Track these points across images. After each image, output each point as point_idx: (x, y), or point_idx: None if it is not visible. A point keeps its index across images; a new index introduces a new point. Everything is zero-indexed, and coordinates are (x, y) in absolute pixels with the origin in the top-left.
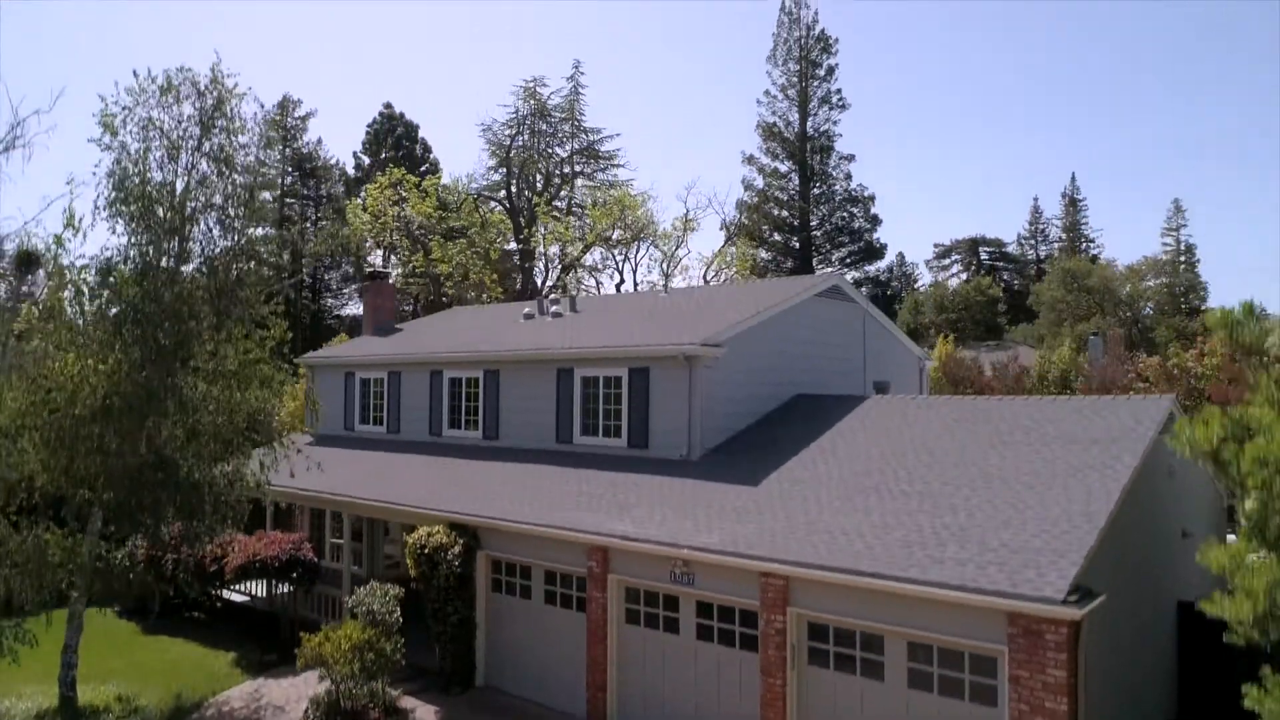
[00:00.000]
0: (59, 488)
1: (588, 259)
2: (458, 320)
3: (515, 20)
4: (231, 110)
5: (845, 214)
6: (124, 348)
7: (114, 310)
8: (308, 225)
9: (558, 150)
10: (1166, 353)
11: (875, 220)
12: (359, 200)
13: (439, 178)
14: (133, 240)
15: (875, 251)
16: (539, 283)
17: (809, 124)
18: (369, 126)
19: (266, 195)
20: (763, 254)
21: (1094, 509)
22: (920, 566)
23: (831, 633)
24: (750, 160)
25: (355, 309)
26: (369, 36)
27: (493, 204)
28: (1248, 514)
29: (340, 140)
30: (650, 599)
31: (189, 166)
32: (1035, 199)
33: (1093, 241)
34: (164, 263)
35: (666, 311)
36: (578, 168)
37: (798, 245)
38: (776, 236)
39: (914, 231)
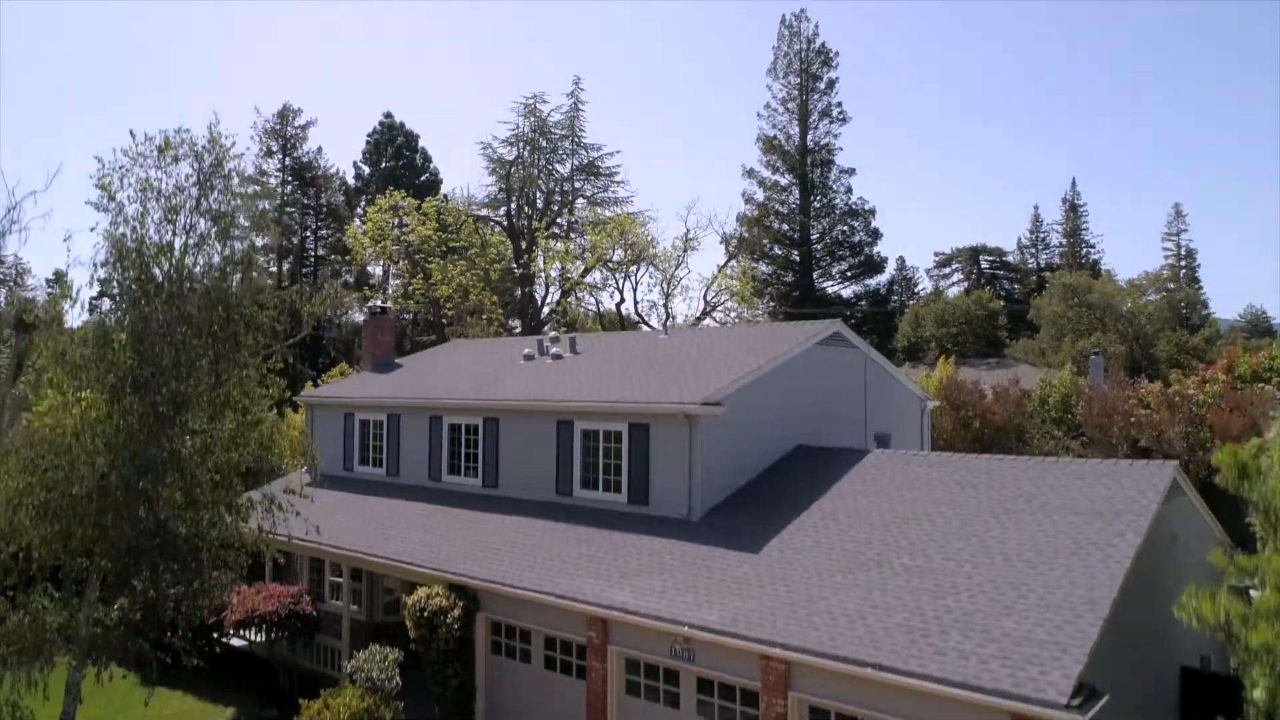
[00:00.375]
0: (56, 558)
1: (589, 277)
2: (458, 357)
3: (515, 30)
4: (230, 170)
5: (846, 227)
6: (122, 414)
7: (110, 379)
8: (307, 234)
9: (558, 167)
10: (1168, 378)
11: (876, 234)
12: (358, 224)
13: (438, 198)
14: (127, 306)
15: (875, 265)
16: (539, 301)
17: (809, 137)
18: (369, 136)
19: (265, 204)
20: (762, 268)
21: (1097, 595)
22: (922, 657)
23: (834, 718)
24: (750, 174)
25: (356, 312)
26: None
27: (493, 224)
28: (1254, 701)
29: (340, 149)
30: (651, 671)
31: (188, 227)
32: (1036, 207)
33: (1093, 247)
34: (160, 317)
35: (667, 360)
36: (578, 184)
37: (798, 258)
38: (777, 250)
39: (915, 238)
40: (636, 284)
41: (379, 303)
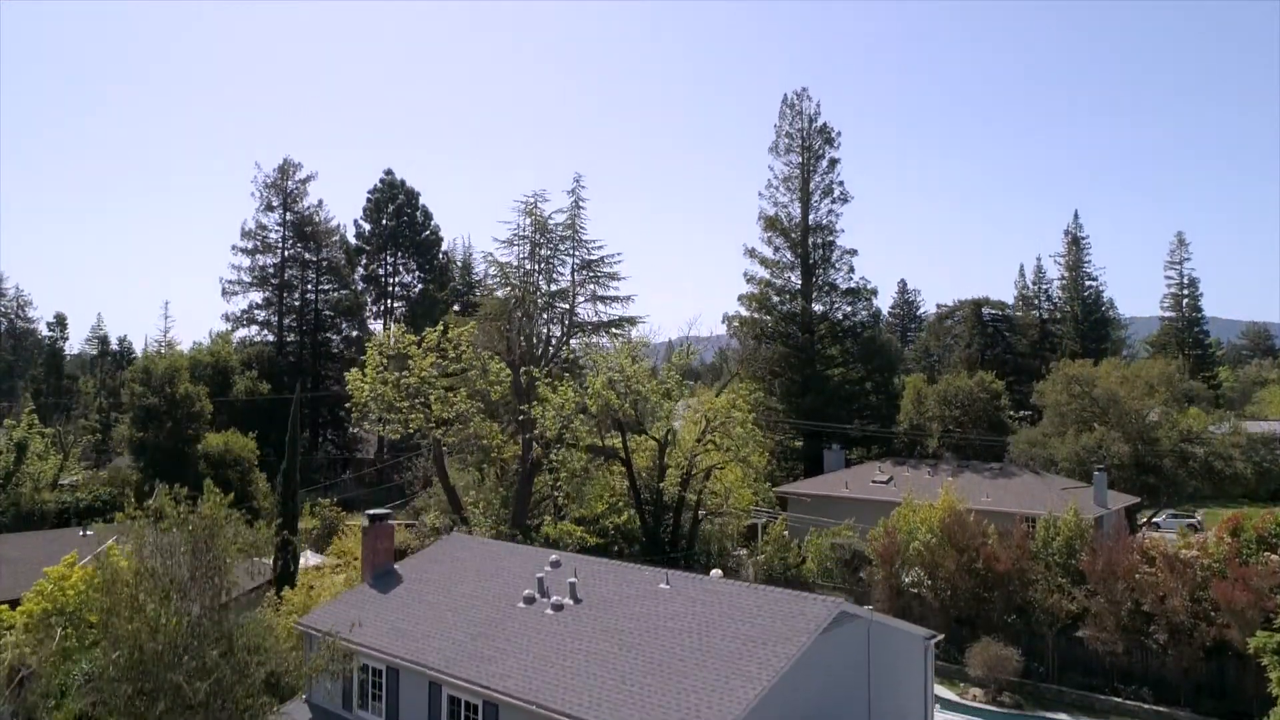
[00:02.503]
0: None
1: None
2: (459, 573)
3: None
4: None
5: (848, 307)
6: None
7: None
8: (307, 289)
9: (560, 272)
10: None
11: (877, 317)
12: (359, 370)
13: (438, 329)
14: None
15: (879, 348)
16: (541, 436)
17: (811, 217)
18: (370, 193)
19: None
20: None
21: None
22: None
23: None
24: (752, 253)
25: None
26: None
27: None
28: None
29: (341, 204)
30: None
31: None
32: (1038, 259)
33: (1095, 280)
34: None
35: (670, 642)
36: (579, 281)
37: (799, 335)
38: (780, 326)
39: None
40: (638, 415)
41: (378, 511)
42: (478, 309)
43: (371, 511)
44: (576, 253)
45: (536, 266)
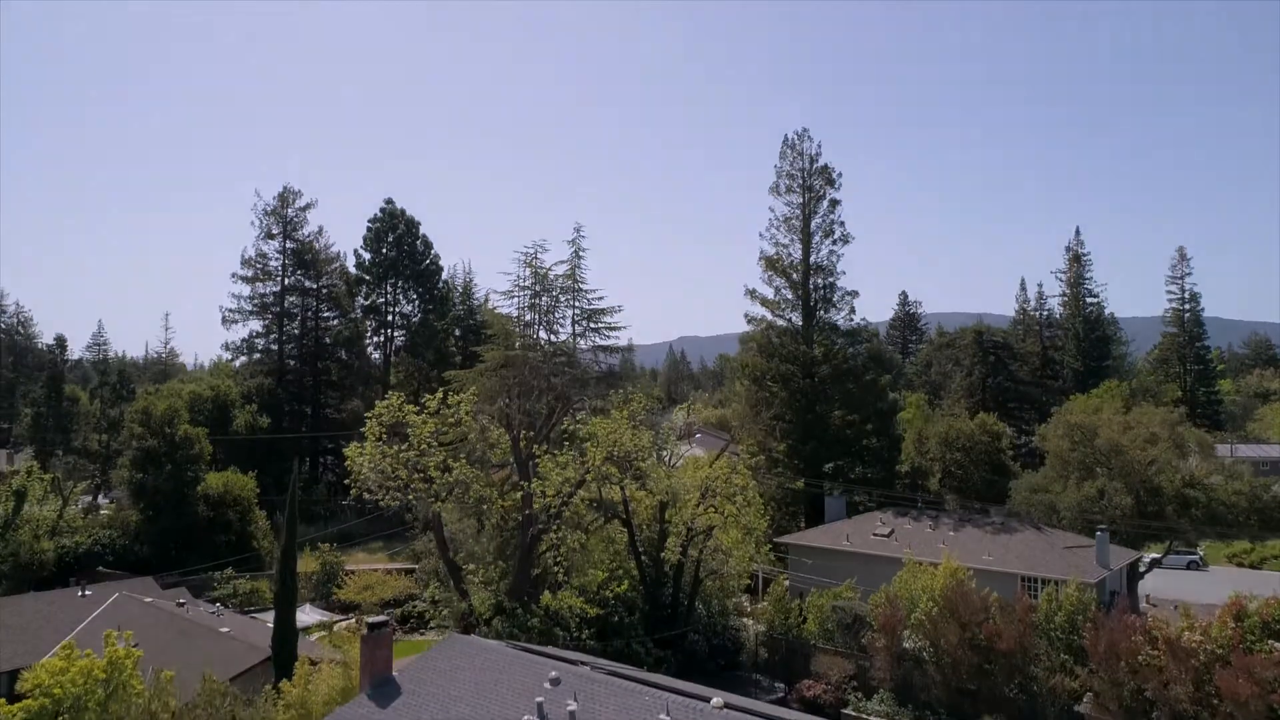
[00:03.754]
0: None
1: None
2: (457, 683)
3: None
4: None
5: (851, 350)
6: None
7: None
8: (308, 317)
9: (560, 324)
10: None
11: (880, 361)
12: (359, 445)
13: (437, 397)
14: None
15: (880, 392)
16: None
17: (812, 258)
18: (370, 223)
19: None
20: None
21: None
22: None
23: None
24: (752, 294)
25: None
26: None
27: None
28: None
29: (340, 231)
30: None
31: None
32: (1040, 285)
33: (1096, 297)
34: None
35: None
36: (579, 339)
37: (799, 379)
38: (781, 368)
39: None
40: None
41: (378, 618)
42: (478, 360)
43: (370, 620)
44: (577, 303)
45: (537, 317)
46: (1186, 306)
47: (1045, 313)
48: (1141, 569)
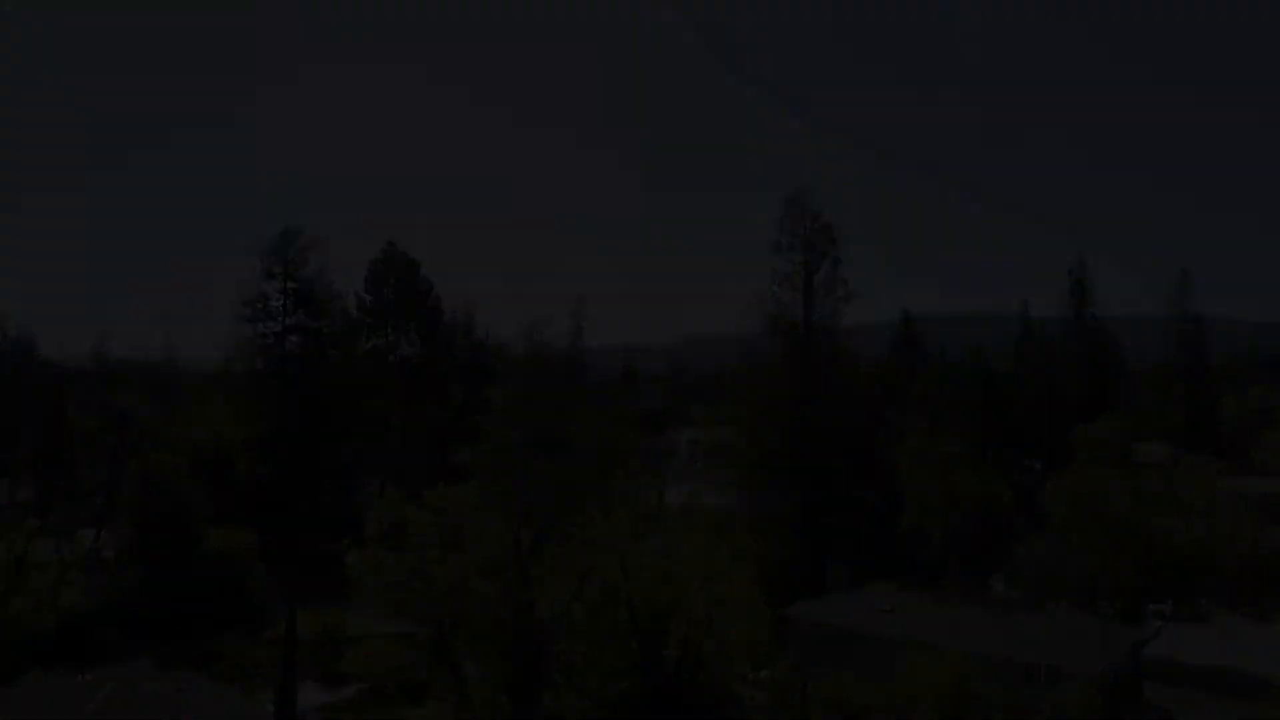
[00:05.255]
0: None
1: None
2: None
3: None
4: None
5: (852, 410)
6: None
7: None
8: (309, 357)
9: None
10: None
11: (881, 422)
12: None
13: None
14: None
15: (880, 458)
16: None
17: (813, 316)
18: (371, 264)
19: None
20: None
21: None
22: None
23: None
24: (751, 353)
25: None
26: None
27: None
28: None
29: (341, 272)
30: None
31: None
32: (1044, 322)
33: (1098, 319)
34: None
35: None
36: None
37: (803, 446)
38: (781, 422)
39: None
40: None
41: None
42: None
43: None
44: (576, 381)
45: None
46: (1189, 327)
47: (1046, 338)
48: (1148, 637)
